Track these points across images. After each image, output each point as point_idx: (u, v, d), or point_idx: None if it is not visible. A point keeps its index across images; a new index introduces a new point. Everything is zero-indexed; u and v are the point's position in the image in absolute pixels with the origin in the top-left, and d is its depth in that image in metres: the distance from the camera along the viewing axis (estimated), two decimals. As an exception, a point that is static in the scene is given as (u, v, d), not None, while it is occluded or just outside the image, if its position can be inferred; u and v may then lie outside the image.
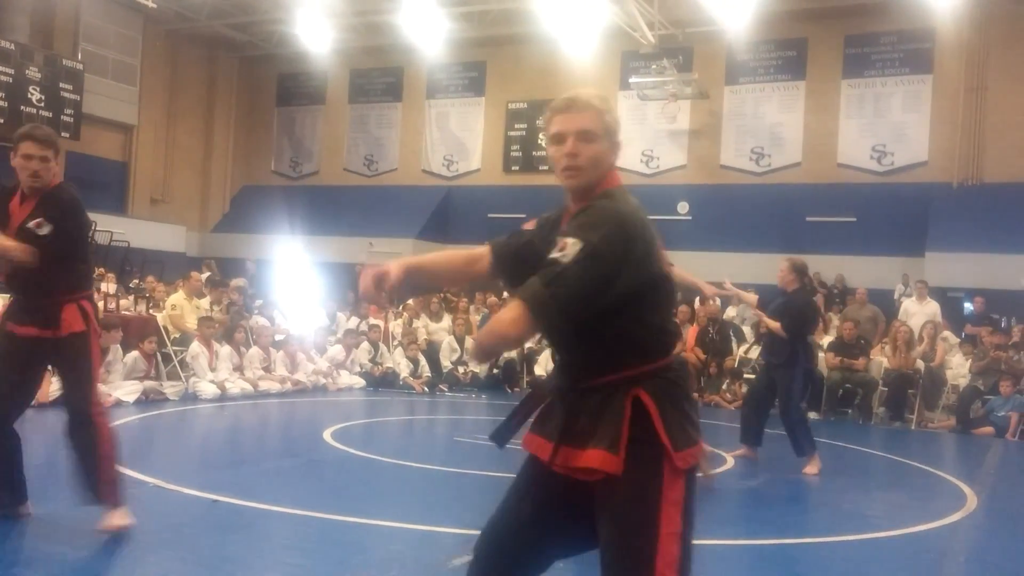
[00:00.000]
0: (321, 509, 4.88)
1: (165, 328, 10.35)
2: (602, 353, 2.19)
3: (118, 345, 8.92)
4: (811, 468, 6.96)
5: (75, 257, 4.25)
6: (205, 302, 11.51)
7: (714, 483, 4.87)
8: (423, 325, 12.90)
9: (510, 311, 2.07)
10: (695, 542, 2.15)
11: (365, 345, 11.87)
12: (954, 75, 16.91)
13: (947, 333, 11.43)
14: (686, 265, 10.59)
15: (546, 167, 20.19)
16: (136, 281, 12.64)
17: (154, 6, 18.05)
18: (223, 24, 20.84)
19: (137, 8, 19.06)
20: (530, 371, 12.16)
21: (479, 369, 12.08)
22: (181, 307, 10.78)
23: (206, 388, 9.53)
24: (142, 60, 21.16)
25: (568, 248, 2.06)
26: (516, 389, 12.01)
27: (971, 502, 6.17)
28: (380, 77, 22.14)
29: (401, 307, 13.30)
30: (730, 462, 7.27)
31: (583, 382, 2.22)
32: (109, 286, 10.94)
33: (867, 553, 4.81)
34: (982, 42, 16.69)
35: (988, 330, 11.40)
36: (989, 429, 9.88)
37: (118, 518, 4.16)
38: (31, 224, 4.03)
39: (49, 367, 4.75)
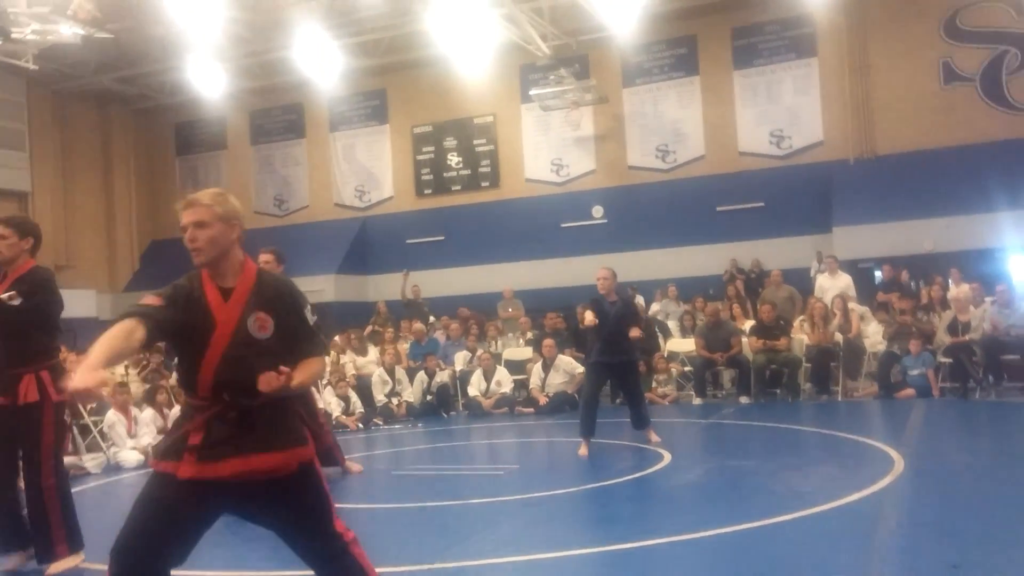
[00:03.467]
0: (252, 567, 4.74)
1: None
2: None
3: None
4: (655, 436, 8.03)
5: (41, 330, 4.66)
6: (119, 368, 11.12)
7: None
8: (350, 360, 12.72)
9: (320, 362, 3.14)
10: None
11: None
12: (837, 56, 17.57)
13: (852, 304, 11.78)
14: (597, 280, 10.57)
15: (458, 187, 20.26)
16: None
17: (35, 68, 17.47)
18: (111, 79, 20.30)
19: (17, 72, 18.43)
20: (464, 393, 12.10)
21: (413, 398, 11.97)
22: (95, 374, 10.36)
23: (128, 456, 9.15)
24: (29, 123, 20.49)
25: (312, 311, 3.14)
26: (452, 413, 11.93)
27: (899, 465, 6.36)
28: (280, 115, 21.88)
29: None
30: (667, 457, 7.34)
31: (259, 401, 2.94)
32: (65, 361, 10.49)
33: (805, 530, 4.90)
34: (859, 21, 17.40)
35: (897, 296, 11.80)
36: (910, 391, 10.22)
37: (67, 563, 4.69)
38: (4, 296, 4.52)
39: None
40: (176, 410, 9.98)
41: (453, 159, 20.27)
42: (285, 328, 3.02)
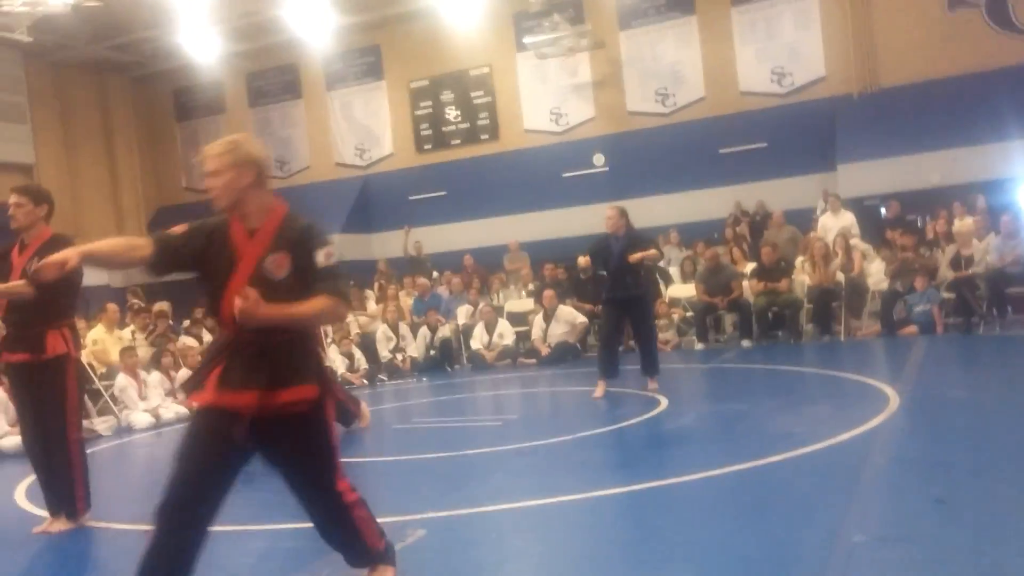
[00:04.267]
0: (262, 521, 4.82)
1: (90, 364, 10.08)
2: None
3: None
4: (655, 386, 7.98)
5: (65, 295, 4.85)
6: (127, 332, 11.24)
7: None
8: (353, 317, 12.78)
9: (339, 304, 3.21)
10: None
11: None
12: (838, -13, 17.15)
13: (855, 241, 11.68)
14: (603, 219, 10.54)
15: (458, 141, 20.09)
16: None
17: (29, 39, 17.35)
18: (106, 47, 20.14)
19: (12, 44, 18.31)
20: (467, 347, 12.15)
21: (417, 353, 12.03)
22: (102, 341, 10.51)
23: (139, 418, 9.34)
24: (29, 96, 20.39)
25: (333, 255, 3.22)
26: (456, 366, 12.00)
27: (893, 403, 6.35)
28: (277, 76, 21.68)
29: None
30: (664, 403, 7.36)
31: (276, 340, 3.14)
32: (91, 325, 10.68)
33: (794, 470, 4.93)
34: (859, -49, 16.94)
35: (899, 232, 11.68)
36: (913, 329, 10.17)
37: (61, 523, 4.95)
38: (32, 269, 4.57)
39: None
40: (183, 372, 10.13)
41: (451, 113, 20.08)
42: (304, 270, 3.16)
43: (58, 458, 4.89)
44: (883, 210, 15.24)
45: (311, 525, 3.51)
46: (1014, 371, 7.82)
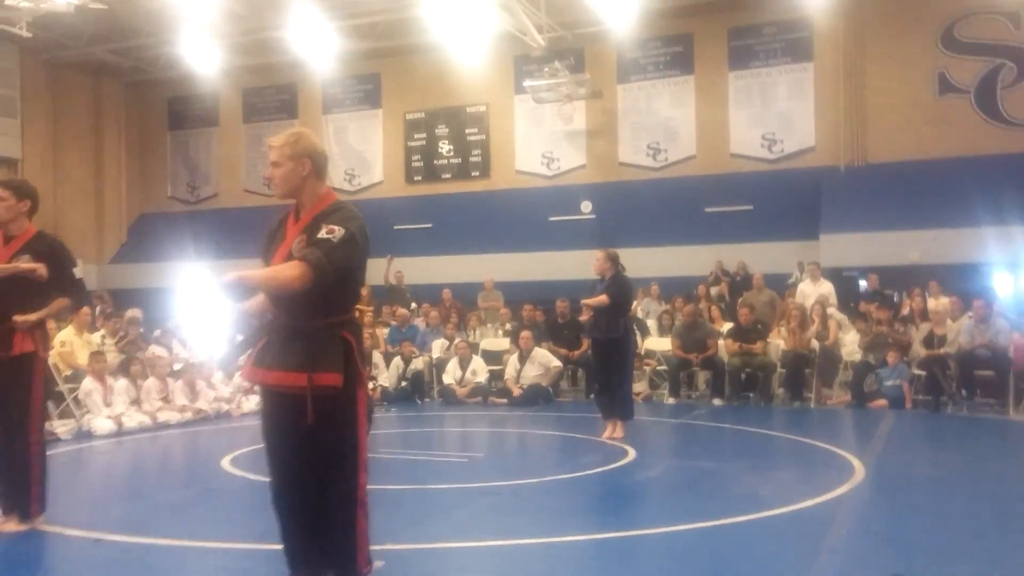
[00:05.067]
0: (213, 538, 4.76)
1: (55, 366, 9.93)
2: (325, 304, 3.36)
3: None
4: (620, 433, 8.04)
5: (39, 293, 4.80)
6: (97, 336, 11.10)
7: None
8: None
9: (294, 268, 3.22)
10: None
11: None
12: (833, 61, 17.55)
13: (832, 310, 11.81)
14: (591, 263, 10.70)
15: (448, 175, 20.21)
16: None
17: (28, 35, 17.33)
18: (105, 50, 20.15)
19: (10, 39, 18.28)
20: (439, 381, 12.10)
21: (388, 382, 11.96)
22: (71, 343, 10.36)
23: (101, 424, 9.17)
24: (22, 91, 20.34)
25: (336, 232, 3.30)
26: (427, 400, 11.93)
27: (858, 474, 6.39)
28: (274, 95, 21.78)
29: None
30: (631, 454, 7.35)
31: (308, 324, 3.35)
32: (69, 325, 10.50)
33: (756, 532, 4.94)
34: (856, 28, 17.37)
35: (875, 306, 11.82)
36: (883, 402, 10.24)
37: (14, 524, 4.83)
38: (28, 267, 4.75)
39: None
40: (150, 381, 10.01)
41: (444, 147, 20.22)
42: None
43: (17, 458, 4.81)
44: (862, 282, 15.42)
45: (288, 540, 3.54)
46: (979, 453, 7.88)
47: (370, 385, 11.66)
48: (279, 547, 3.64)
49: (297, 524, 3.52)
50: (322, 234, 3.30)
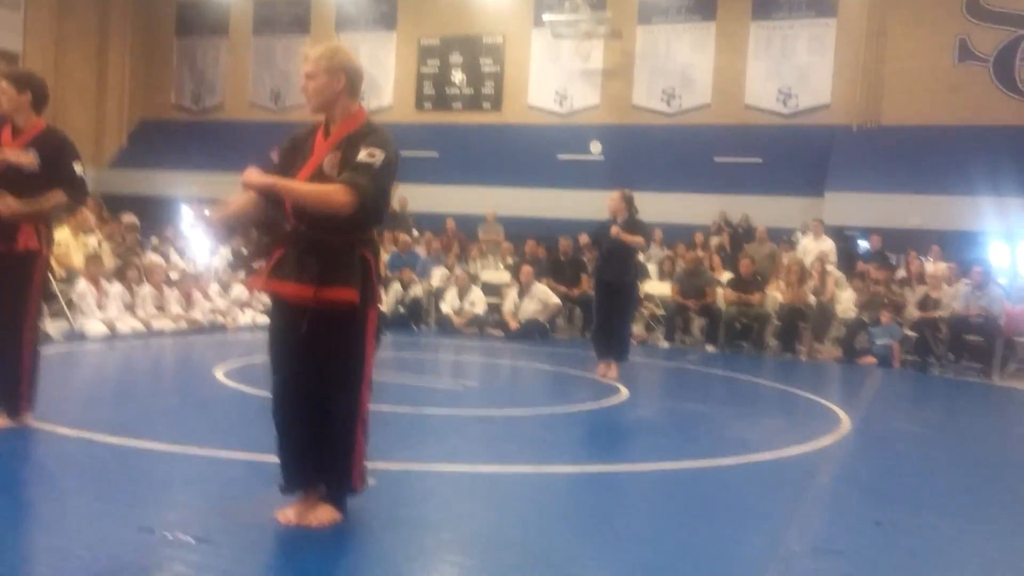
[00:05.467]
0: (205, 446, 4.80)
1: (50, 265, 9.91)
2: (349, 220, 3.31)
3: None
4: (614, 373, 7.98)
5: (46, 187, 4.69)
6: (93, 239, 11.08)
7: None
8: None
9: (340, 190, 3.25)
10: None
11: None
12: (856, 19, 17.25)
13: (830, 268, 11.86)
14: (599, 204, 10.74)
15: (459, 105, 19.96)
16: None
17: (38, -75, 16.92)
18: (116, -54, 19.70)
19: (19, -73, 17.85)
20: (437, 309, 12.15)
21: (386, 308, 12.01)
22: (66, 244, 10.33)
23: (93, 327, 9.21)
24: (26, -17, 19.93)
25: (377, 156, 3.33)
26: (423, 327, 12.01)
27: (845, 426, 6.49)
28: (286, 8, 21.34)
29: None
30: (624, 393, 7.44)
31: (329, 238, 3.35)
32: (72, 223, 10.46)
33: (743, 475, 5.02)
34: (883, -13, 17.05)
35: (875, 266, 11.87)
36: (872, 359, 10.36)
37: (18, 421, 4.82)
38: (24, 162, 4.63)
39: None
40: (146, 288, 10.03)
41: (457, 76, 19.93)
42: (347, 164, 3.33)
43: (9, 353, 4.78)
44: (862, 242, 15.44)
45: (285, 453, 3.56)
46: (962, 414, 8.04)
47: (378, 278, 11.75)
48: (271, 459, 3.68)
49: (295, 437, 3.54)
50: (363, 157, 3.30)
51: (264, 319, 10.93)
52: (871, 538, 3.89)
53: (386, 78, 20.53)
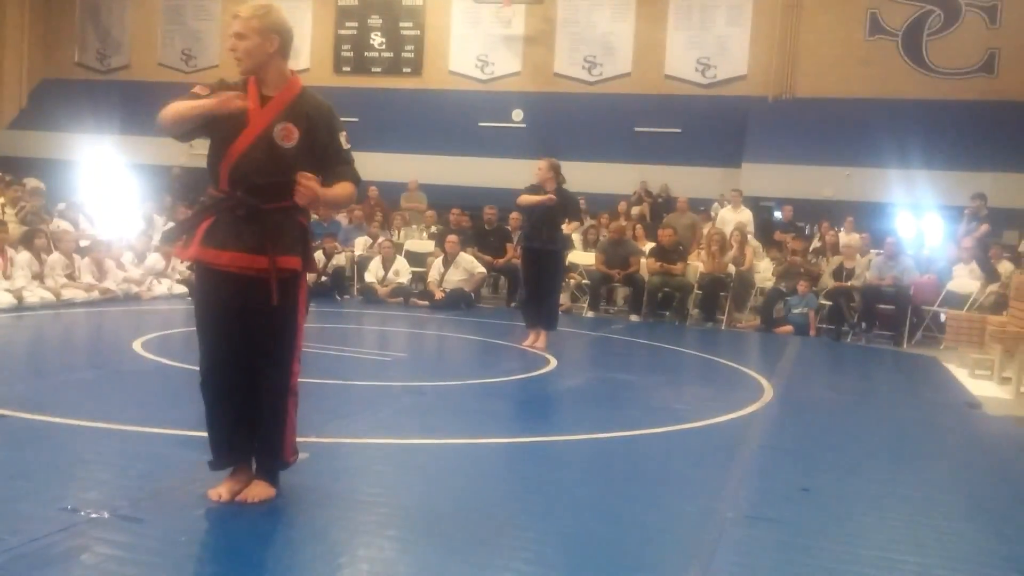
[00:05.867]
0: (126, 421, 4.63)
1: (-52, 233, 9.40)
2: (287, 187, 3.20)
3: None
4: (542, 343, 7.98)
5: None
6: (-4, 206, 10.53)
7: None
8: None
9: (353, 188, 3.42)
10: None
11: (184, 252, 11.26)
12: (773, -9, 17.57)
13: (749, 238, 12.15)
14: (521, 172, 10.73)
15: (379, 69, 19.59)
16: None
17: None
18: None
19: None
20: (361, 279, 11.98)
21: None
22: (-32, 210, 9.80)
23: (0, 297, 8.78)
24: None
25: (347, 139, 3.43)
26: (346, 296, 11.82)
27: (767, 394, 6.67)
28: (197, -36, 20.52)
29: None
30: (552, 363, 7.48)
31: (267, 205, 3.28)
32: None
33: (672, 443, 5.12)
34: (800, -40, 17.37)
35: (792, 236, 12.20)
36: (789, 328, 10.68)
37: None
38: None
39: None
40: (55, 256, 9.58)
41: (376, 39, 19.53)
42: (314, 144, 3.30)
43: None
44: (777, 213, 15.86)
45: (215, 426, 3.49)
46: (874, 380, 8.39)
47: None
48: (198, 434, 3.58)
49: (226, 410, 3.45)
50: (344, 143, 3.40)
51: (180, 289, 10.65)
52: (800, 504, 4.01)
53: (303, 40, 19.89)
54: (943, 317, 10.15)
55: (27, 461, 3.93)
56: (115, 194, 12.83)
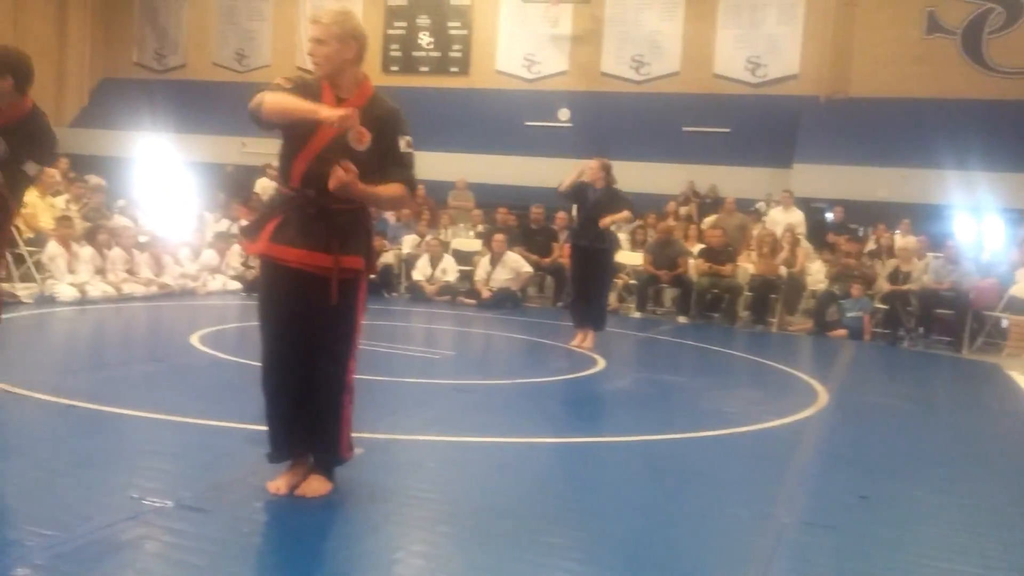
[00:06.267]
0: (187, 414, 4.73)
1: (17, 227, 9.66)
2: None
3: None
4: (589, 343, 7.99)
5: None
6: (60, 200, 10.80)
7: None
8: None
9: (405, 193, 3.46)
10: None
11: (237, 248, 11.44)
12: (827, -11, 17.28)
13: (801, 240, 11.99)
14: (566, 172, 10.58)
15: (426, 69, 19.69)
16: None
17: None
18: None
19: None
20: (408, 277, 12.07)
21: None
22: (34, 205, 10.06)
23: (64, 291, 9.00)
24: (-19, -66, 19.17)
25: (411, 143, 3.47)
26: (393, 294, 11.92)
27: (821, 399, 6.58)
28: (250, -35, 20.83)
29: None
30: (600, 363, 7.46)
31: (336, 205, 3.32)
32: None
33: (724, 448, 5.07)
34: (854, -43, 17.07)
35: (845, 238, 12.00)
36: (843, 332, 10.51)
37: None
38: None
39: None
40: (116, 251, 9.81)
41: (424, 39, 19.64)
42: (379, 148, 3.31)
43: None
44: (829, 214, 15.61)
45: (274, 420, 3.53)
46: (933, 387, 8.22)
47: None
48: (256, 427, 3.64)
49: (285, 404, 3.51)
50: (404, 148, 3.42)
51: (234, 285, 10.83)
52: (859, 511, 3.94)
53: (353, 40, 20.12)
54: (1005, 323, 9.90)
55: (94, 450, 4.05)
56: (171, 191, 13.08)
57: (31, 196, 10.12)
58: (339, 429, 3.53)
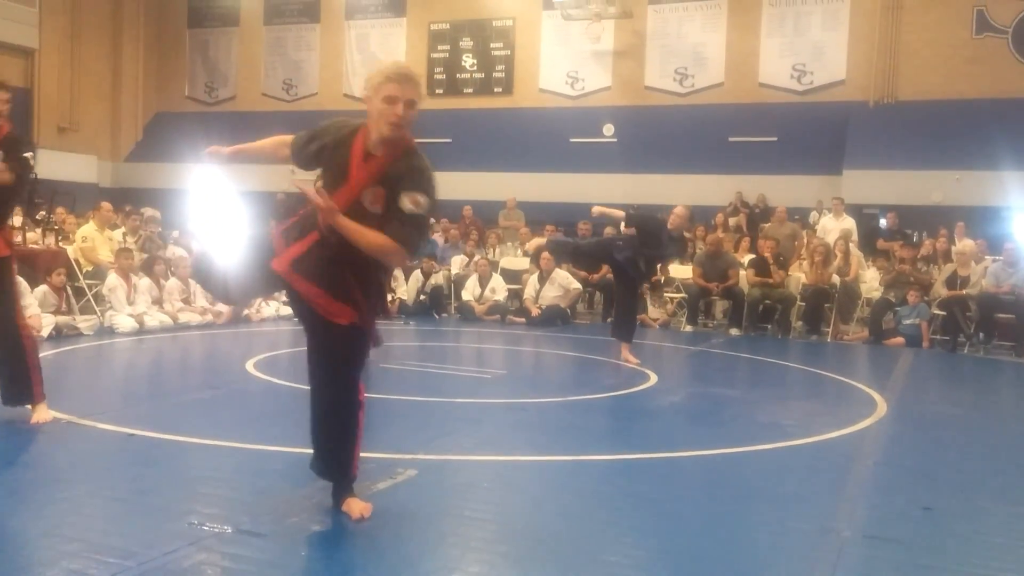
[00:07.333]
0: (243, 439, 4.81)
1: (76, 261, 9.98)
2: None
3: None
4: (628, 355, 8.07)
5: (9, 199, 4.89)
6: (118, 233, 11.11)
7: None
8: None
9: (395, 250, 3.25)
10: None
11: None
12: (871, -8, 17.07)
13: (853, 248, 11.76)
14: (612, 187, 10.62)
15: (470, 90, 19.87)
16: (43, 213, 12.06)
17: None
18: (126, -60, 19.66)
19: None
20: (458, 297, 12.14)
21: (407, 296, 12.01)
22: (92, 239, 10.38)
23: (123, 322, 9.25)
24: (40, -22, 19.93)
25: (422, 204, 3.21)
26: (444, 315, 11.99)
27: (880, 409, 6.43)
28: (296, -3, 21.30)
29: None
30: (653, 378, 7.41)
31: (353, 257, 3.29)
32: (15, 219, 10.42)
33: (784, 461, 4.98)
34: (898, -40, 16.84)
35: (900, 244, 11.76)
36: (900, 340, 10.28)
37: (45, 412, 4.94)
38: None
39: None
40: (172, 282, 10.04)
41: (468, 61, 19.85)
42: (389, 204, 3.23)
43: (10, 345, 4.85)
44: (881, 220, 15.33)
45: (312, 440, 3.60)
46: (997, 393, 7.98)
47: (388, 297, 11.76)
48: (310, 451, 3.70)
49: (314, 424, 3.62)
50: (408, 206, 3.19)
51: (287, 311, 10.98)
52: (922, 524, 3.85)
53: (397, 65, 20.41)
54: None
55: (155, 477, 4.13)
56: (224, 220, 13.35)
57: (89, 230, 10.45)
58: (347, 445, 3.59)
